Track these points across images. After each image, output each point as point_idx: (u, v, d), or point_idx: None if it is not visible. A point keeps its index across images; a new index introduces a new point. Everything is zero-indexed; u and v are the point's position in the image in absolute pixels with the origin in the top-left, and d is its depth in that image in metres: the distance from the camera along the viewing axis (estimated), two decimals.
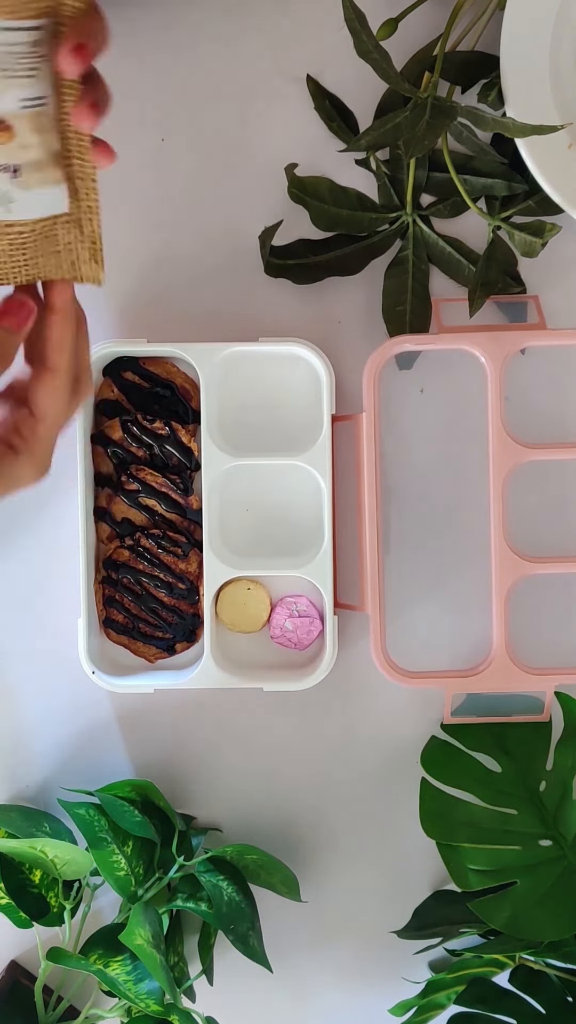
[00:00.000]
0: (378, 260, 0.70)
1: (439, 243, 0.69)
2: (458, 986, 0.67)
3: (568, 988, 0.67)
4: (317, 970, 0.74)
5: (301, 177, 0.68)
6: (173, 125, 0.70)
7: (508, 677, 0.68)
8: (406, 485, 0.72)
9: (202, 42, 0.69)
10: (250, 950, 0.66)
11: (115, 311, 0.71)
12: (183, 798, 0.73)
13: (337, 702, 0.72)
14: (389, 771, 0.73)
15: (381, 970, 0.74)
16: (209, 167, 0.70)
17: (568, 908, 0.64)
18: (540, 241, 0.65)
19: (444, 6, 0.67)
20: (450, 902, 0.71)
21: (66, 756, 0.73)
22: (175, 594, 0.71)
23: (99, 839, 0.66)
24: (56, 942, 0.68)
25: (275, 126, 0.70)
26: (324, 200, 0.69)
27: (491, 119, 0.61)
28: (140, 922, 0.61)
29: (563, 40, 0.64)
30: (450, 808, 0.68)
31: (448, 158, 0.65)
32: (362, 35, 0.60)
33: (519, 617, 0.71)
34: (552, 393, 0.71)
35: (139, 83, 0.69)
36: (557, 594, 0.72)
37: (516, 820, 0.67)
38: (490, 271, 0.67)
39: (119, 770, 0.73)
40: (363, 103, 0.69)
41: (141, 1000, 0.63)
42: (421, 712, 0.72)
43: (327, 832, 0.73)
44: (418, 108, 0.61)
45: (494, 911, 0.64)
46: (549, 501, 0.72)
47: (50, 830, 0.69)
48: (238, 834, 0.73)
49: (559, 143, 0.64)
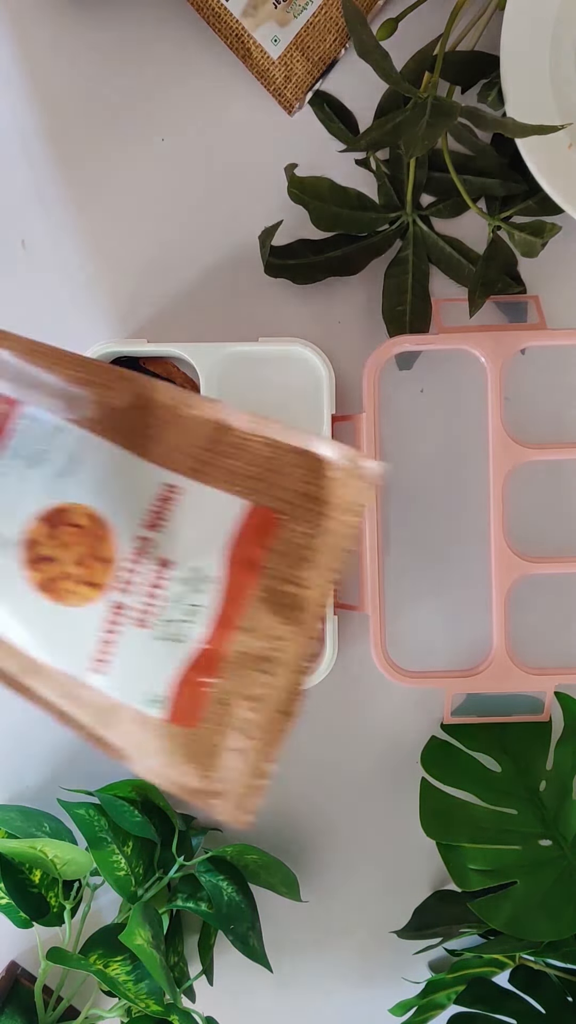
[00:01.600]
0: (378, 260, 0.70)
1: (439, 243, 0.69)
2: (458, 986, 0.67)
3: (568, 988, 0.67)
4: (317, 970, 0.74)
5: (301, 177, 0.68)
6: (173, 125, 0.70)
7: (508, 677, 0.68)
8: (406, 485, 0.72)
9: (202, 42, 0.69)
10: (250, 950, 0.66)
11: (115, 311, 0.71)
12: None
13: (337, 702, 0.72)
14: (389, 771, 0.73)
15: (381, 970, 0.74)
16: (209, 167, 0.70)
17: (568, 908, 0.64)
18: (540, 241, 0.65)
19: (444, 6, 0.67)
20: (450, 902, 0.71)
21: (66, 756, 0.73)
22: None
23: (99, 839, 0.66)
24: (56, 942, 0.68)
25: (275, 127, 0.70)
26: (324, 200, 0.69)
27: (491, 119, 0.60)
28: (140, 922, 0.61)
29: (563, 40, 0.64)
30: (450, 808, 0.68)
31: (448, 158, 0.65)
32: (362, 35, 0.60)
33: (519, 617, 0.71)
34: (552, 393, 0.71)
35: (139, 83, 0.69)
36: (557, 594, 0.72)
37: (516, 820, 0.67)
38: (490, 271, 0.67)
39: (119, 770, 0.73)
40: (363, 103, 0.69)
41: (141, 1000, 0.63)
42: (421, 712, 0.72)
43: (327, 832, 0.73)
44: (418, 108, 0.61)
45: (494, 911, 0.64)
46: (549, 501, 0.72)
47: (50, 830, 0.69)
48: (238, 834, 0.73)
49: (559, 143, 0.64)
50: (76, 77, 0.69)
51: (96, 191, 0.70)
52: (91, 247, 0.70)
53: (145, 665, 0.49)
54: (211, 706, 0.49)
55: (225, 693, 0.49)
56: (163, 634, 0.48)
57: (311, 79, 0.68)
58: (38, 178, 0.70)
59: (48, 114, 0.69)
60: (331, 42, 0.67)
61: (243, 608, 0.48)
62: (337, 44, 0.67)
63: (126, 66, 0.69)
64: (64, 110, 0.69)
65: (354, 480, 0.49)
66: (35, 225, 0.70)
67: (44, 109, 0.69)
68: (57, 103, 0.69)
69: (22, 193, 0.70)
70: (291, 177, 0.68)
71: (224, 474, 0.50)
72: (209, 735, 0.50)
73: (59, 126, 0.70)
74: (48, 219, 0.70)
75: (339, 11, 0.66)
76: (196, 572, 0.48)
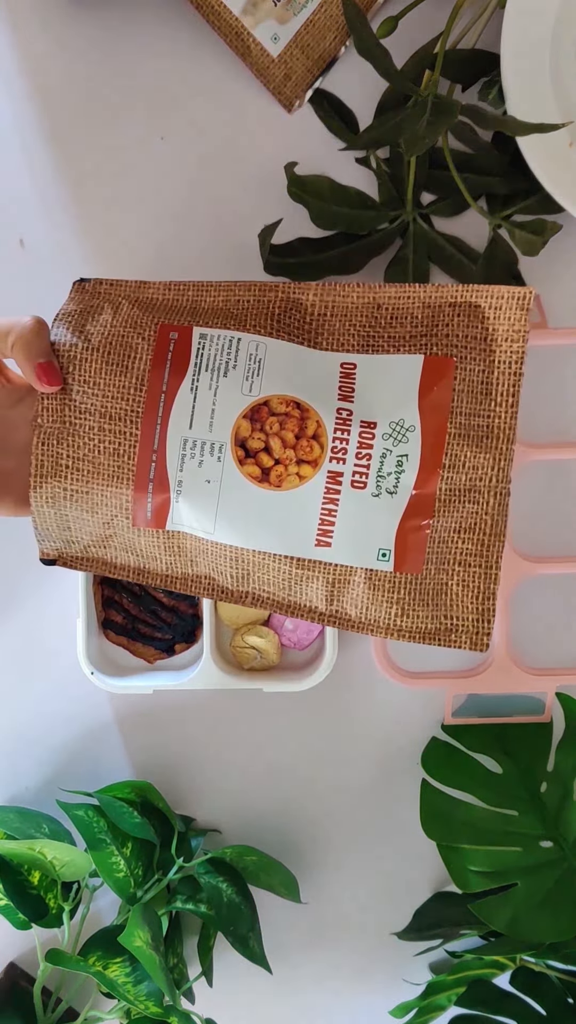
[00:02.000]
0: (378, 259, 0.70)
1: (439, 241, 0.69)
2: (459, 988, 0.67)
3: (569, 990, 0.67)
4: (317, 972, 0.74)
5: (301, 176, 0.68)
6: (172, 124, 0.70)
7: (509, 678, 0.68)
8: None
9: (202, 41, 0.69)
10: (250, 951, 0.66)
11: None
12: (182, 799, 0.73)
13: (337, 702, 0.72)
14: (389, 772, 0.72)
15: (381, 971, 0.74)
16: (209, 166, 0.70)
17: (569, 909, 0.64)
18: (541, 240, 0.65)
19: (444, 4, 0.67)
20: (451, 903, 0.71)
21: (65, 757, 0.73)
22: (174, 595, 0.71)
23: (98, 840, 0.66)
24: (55, 944, 0.68)
25: (275, 125, 0.70)
26: (324, 198, 0.68)
27: (492, 117, 0.60)
28: (139, 924, 0.61)
29: (563, 39, 0.64)
30: (450, 809, 0.68)
31: (449, 156, 0.65)
32: (362, 33, 0.60)
33: (520, 617, 0.70)
34: (552, 393, 0.71)
35: (139, 82, 0.69)
36: (558, 594, 0.72)
37: (517, 821, 0.67)
38: (491, 270, 0.67)
39: (118, 771, 0.73)
40: (363, 102, 0.69)
41: (140, 1001, 0.62)
42: (421, 712, 0.72)
43: (327, 833, 0.73)
44: (418, 106, 0.60)
45: (495, 912, 0.64)
46: (549, 501, 0.71)
47: (49, 832, 0.68)
48: (237, 835, 0.73)
49: (560, 141, 0.64)
50: (76, 77, 0.69)
51: (96, 190, 0.70)
52: (91, 246, 0.70)
53: (369, 523, 0.54)
54: (431, 547, 0.54)
55: (440, 531, 0.54)
56: (379, 489, 0.53)
57: (311, 77, 0.68)
58: (38, 178, 0.70)
59: (48, 114, 0.69)
60: (331, 40, 0.67)
61: (442, 448, 0.54)
62: (337, 42, 0.67)
63: (126, 65, 0.69)
64: (64, 109, 0.69)
65: (508, 312, 0.54)
66: (35, 224, 0.70)
67: (44, 109, 0.69)
68: (57, 103, 0.69)
69: (22, 192, 0.70)
70: (291, 176, 0.68)
71: (393, 341, 0.55)
72: (434, 575, 0.55)
73: (59, 126, 0.69)
74: (48, 219, 0.70)
75: (339, 9, 0.66)
76: (397, 426, 0.54)
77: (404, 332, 0.55)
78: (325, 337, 0.56)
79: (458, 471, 0.54)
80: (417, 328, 0.55)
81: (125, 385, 0.55)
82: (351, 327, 0.55)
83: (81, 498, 0.56)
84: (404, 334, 0.55)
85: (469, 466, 0.54)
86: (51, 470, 0.55)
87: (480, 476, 0.54)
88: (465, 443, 0.54)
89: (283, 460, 0.54)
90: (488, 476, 0.54)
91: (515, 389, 0.54)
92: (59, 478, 0.56)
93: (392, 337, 0.55)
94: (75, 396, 0.55)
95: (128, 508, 0.55)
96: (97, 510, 0.56)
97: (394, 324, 0.55)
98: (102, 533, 0.57)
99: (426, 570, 0.55)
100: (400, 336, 0.55)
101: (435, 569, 0.55)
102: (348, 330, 0.55)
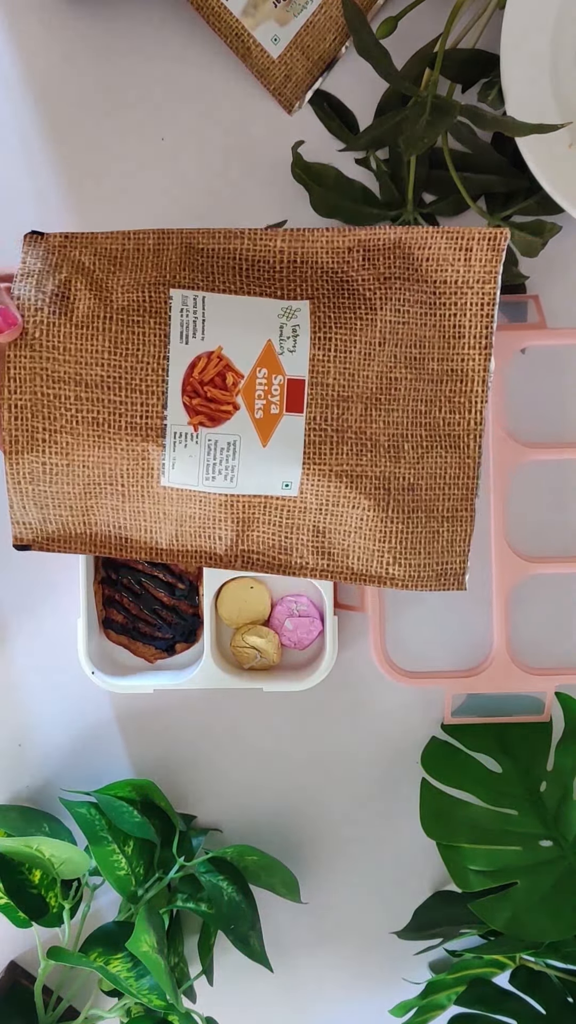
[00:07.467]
0: None
1: None
2: (458, 987, 0.67)
3: (569, 989, 0.67)
4: (317, 970, 0.74)
5: (309, 162, 0.68)
6: (173, 125, 0.70)
7: (508, 677, 0.68)
8: None
9: (202, 42, 0.69)
10: (250, 950, 0.66)
11: None
12: (183, 798, 0.73)
13: (337, 702, 0.72)
14: (389, 771, 0.72)
15: (381, 971, 0.74)
16: (209, 166, 0.70)
17: (569, 909, 0.64)
18: (540, 240, 0.65)
19: (444, 5, 0.67)
20: (450, 903, 0.71)
21: (66, 756, 0.73)
22: (175, 594, 0.71)
23: (100, 837, 0.66)
24: (55, 943, 0.68)
25: (275, 126, 0.70)
26: (327, 187, 0.68)
27: (491, 118, 0.60)
28: (146, 928, 0.61)
29: (563, 39, 0.64)
30: (450, 808, 0.68)
31: (448, 156, 0.65)
32: (362, 33, 0.60)
33: (519, 617, 0.70)
34: (552, 393, 0.71)
35: (139, 82, 0.69)
36: (557, 594, 0.72)
37: (516, 821, 0.67)
38: None
39: (119, 770, 0.73)
40: (363, 102, 0.69)
41: (143, 995, 0.63)
42: (421, 712, 0.72)
43: (327, 833, 0.73)
44: (418, 107, 0.60)
45: (494, 912, 0.64)
46: (549, 501, 0.71)
47: (49, 830, 0.69)
48: (238, 834, 0.73)
49: (559, 142, 0.64)
50: (76, 76, 0.69)
51: (96, 190, 0.70)
52: None
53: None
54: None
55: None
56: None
57: (311, 78, 0.68)
58: (38, 177, 0.70)
59: (48, 113, 0.69)
60: (331, 41, 0.67)
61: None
62: (337, 43, 0.67)
63: (126, 67, 0.69)
64: (64, 109, 0.69)
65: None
66: (34, 225, 0.70)
67: (44, 108, 0.69)
68: (57, 102, 0.69)
69: (22, 192, 0.70)
70: (296, 156, 0.67)
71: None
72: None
73: (59, 125, 0.69)
74: (48, 218, 0.70)
75: (339, 10, 0.66)
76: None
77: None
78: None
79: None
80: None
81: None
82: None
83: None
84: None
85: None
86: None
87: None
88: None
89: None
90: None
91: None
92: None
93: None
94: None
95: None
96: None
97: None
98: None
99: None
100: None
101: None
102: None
